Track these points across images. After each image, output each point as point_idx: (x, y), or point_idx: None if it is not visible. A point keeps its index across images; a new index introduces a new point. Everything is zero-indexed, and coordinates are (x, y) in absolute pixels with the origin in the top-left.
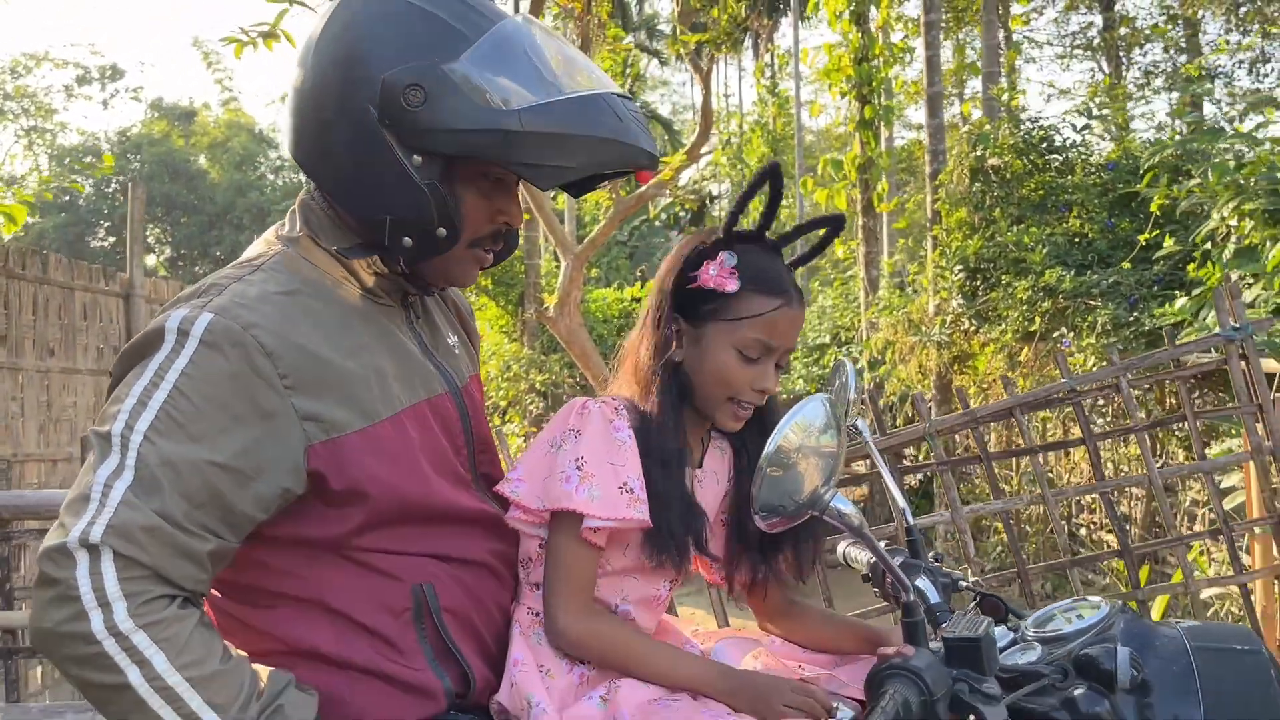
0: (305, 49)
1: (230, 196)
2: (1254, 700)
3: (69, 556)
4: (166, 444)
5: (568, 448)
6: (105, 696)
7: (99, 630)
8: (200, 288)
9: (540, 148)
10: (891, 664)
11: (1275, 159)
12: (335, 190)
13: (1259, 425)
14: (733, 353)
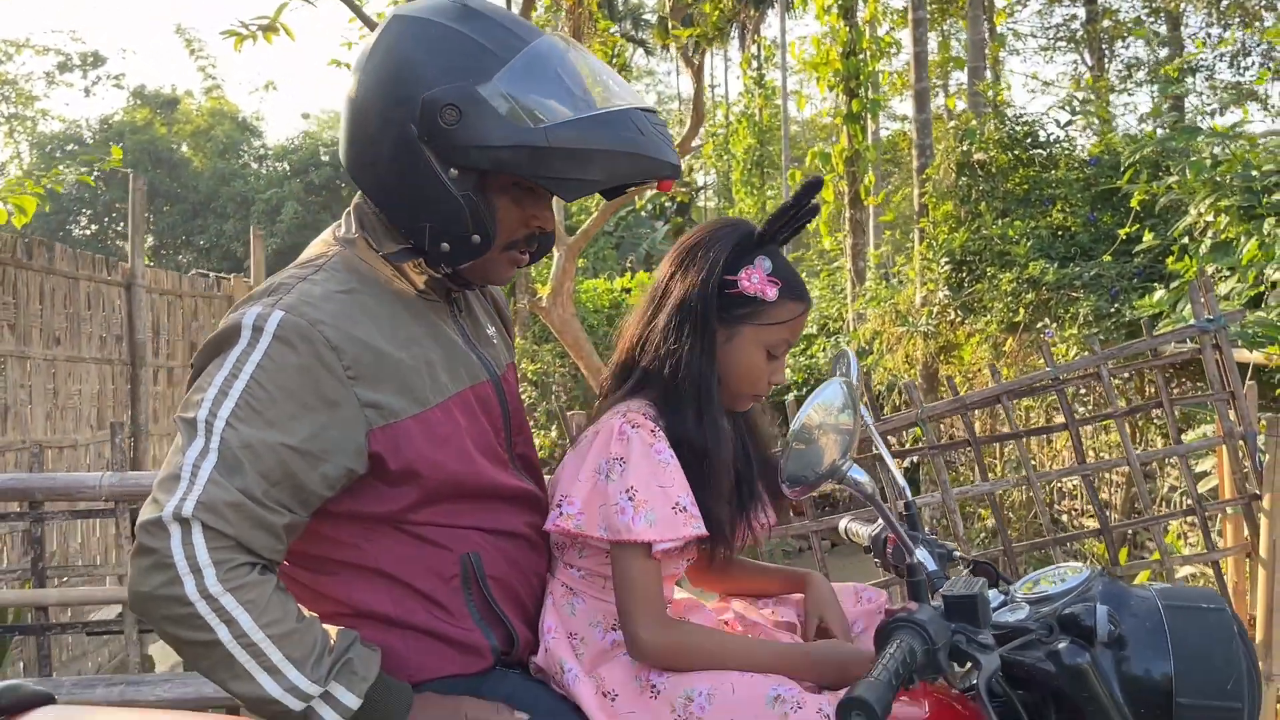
0: (357, 66)
1: (213, 185)
2: (1218, 653)
3: (164, 529)
4: (246, 429)
5: (615, 478)
6: (197, 652)
7: (192, 593)
8: (271, 286)
9: (566, 162)
10: (899, 618)
11: (1250, 157)
12: (379, 198)
13: (1231, 412)
14: (763, 353)
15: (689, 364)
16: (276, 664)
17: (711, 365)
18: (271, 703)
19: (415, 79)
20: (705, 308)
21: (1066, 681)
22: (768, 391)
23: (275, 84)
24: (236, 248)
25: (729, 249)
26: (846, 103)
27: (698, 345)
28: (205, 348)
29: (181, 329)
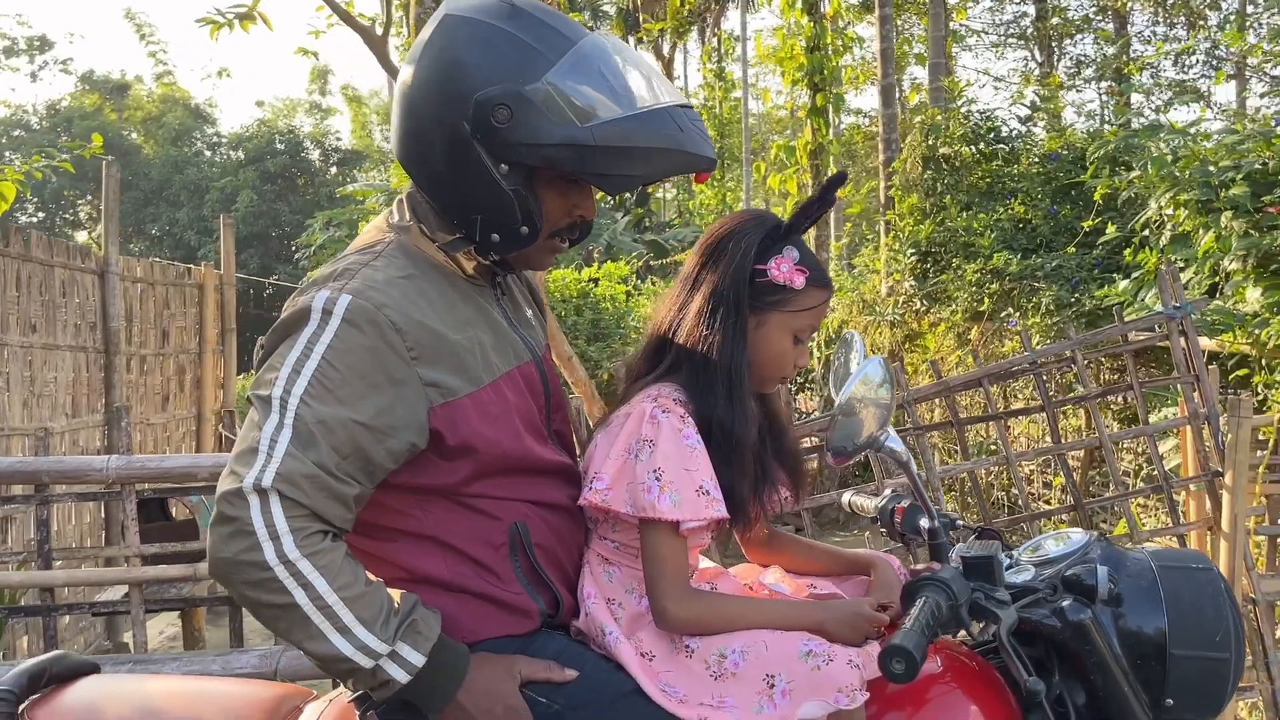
0: (411, 60)
1: (166, 173)
2: (1208, 608)
3: (243, 499)
4: (319, 406)
5: (644, 459)
6: (275, 614)
7: (271, 558)
8: (336, 271)
9: (611, 159)
10: (924, 577)
11: (1207, 154)
12: (432, 190)
13: (1195, 394)
14: (790, 338)
15: (722, 349)
16: (348, 624)
17: (743, 350)
18: (344, 661)
19: (467, 79)
20: (738, 295)
21: (1071, 636)
22: (793, 375)
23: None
24: (190, 236)
25: (759, 239)
26: (811, 96)
27: (730, 331)
28: (276, 329)
29: (154, 317)
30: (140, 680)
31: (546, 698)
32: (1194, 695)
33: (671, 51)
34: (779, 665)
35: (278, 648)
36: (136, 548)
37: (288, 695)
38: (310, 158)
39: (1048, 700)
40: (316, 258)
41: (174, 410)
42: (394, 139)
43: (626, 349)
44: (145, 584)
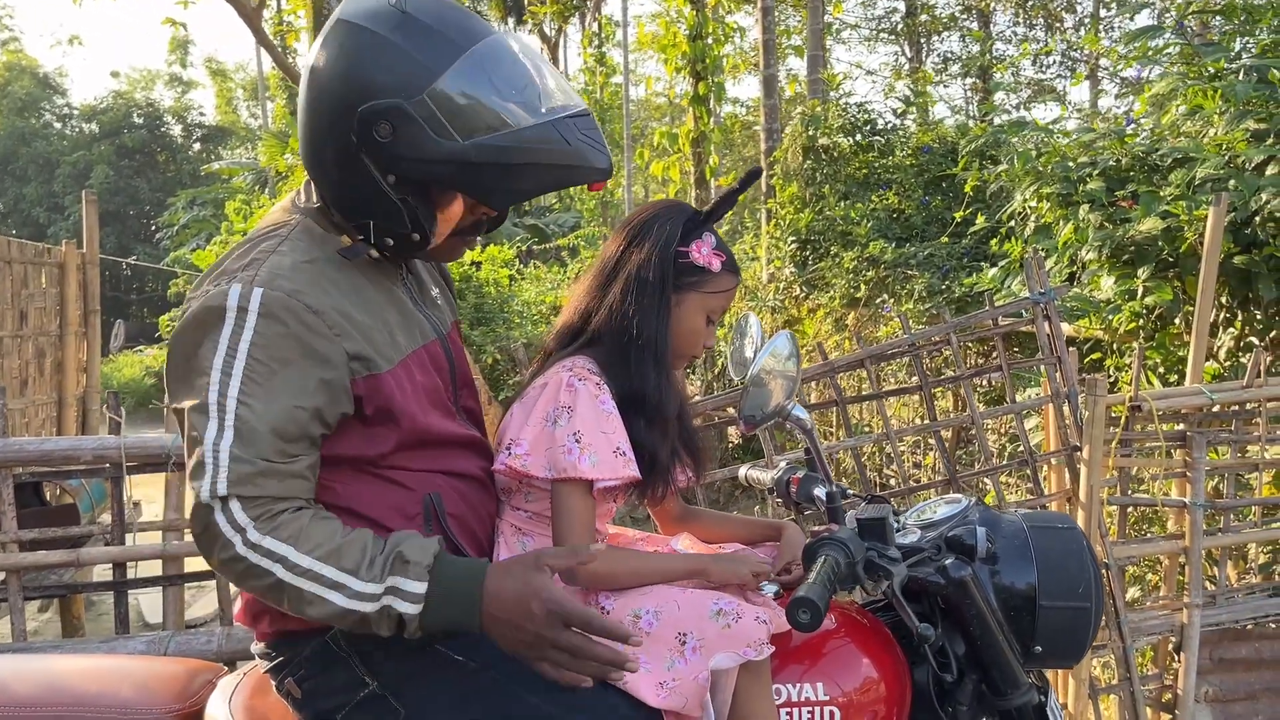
0: (307, 65)
1: (12, 145)
2: (1072, 563)
3: (207, 508)
4: (256, 403)
5: (563, 424)
6: (268, 593)
7: (241, 549)
8: (243, 262)
9: (493, 175)
10: (823, 537)
11: (1067, 150)
12: (328, 195)
13: (1058, 374)
14: (704, 318)
15: (645, 323)
16: (336, 580)
17: (665, 326)
18: (346, 615)
19: (353, 91)
20: (663, 273)
21: (952, 591)
22: (701, 355)
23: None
24: (39, 213)
25: (681, 223)
26: (693, 84)
27: (654, 307)
28: (188, 328)
29: (10, 296)
30: (49, 659)
31: (464, 655)
32: (1060, 642)
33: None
34: (691, 624)
35: (165, 633)
36: (14, 533)
37: (200, 670)
38: (171, 133)
39: (932, 649)
40: (179, 237)
41: (33, 395)
42: (299, 138)
43: (510, 333)
44: (24, 571)
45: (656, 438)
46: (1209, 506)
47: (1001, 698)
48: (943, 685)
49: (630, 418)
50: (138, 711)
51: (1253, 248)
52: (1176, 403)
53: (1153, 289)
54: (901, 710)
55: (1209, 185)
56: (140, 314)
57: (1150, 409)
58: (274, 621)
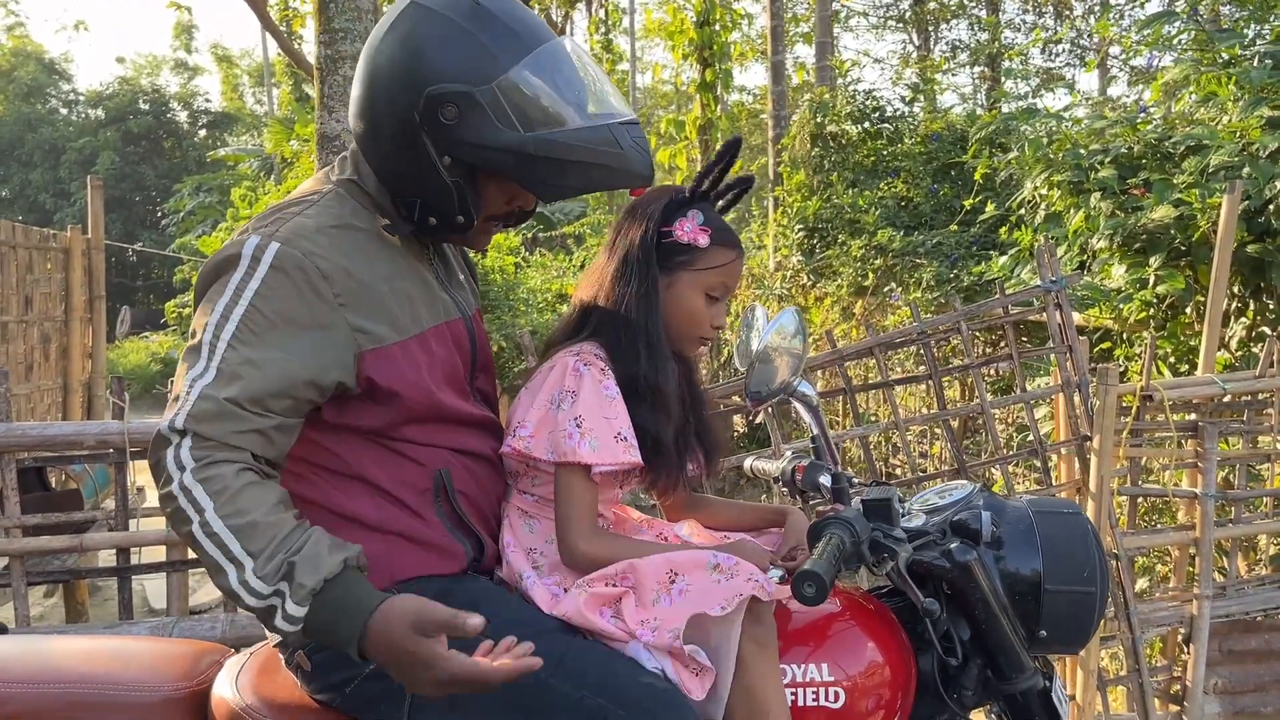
0: (372, 40)
1: (18, 131)
2: (1077, 549)
3: (164, 439)
4: (244, 348)
5: (566, 408)
6: (189, 544)
7: (175, 488)
8: (269, 217)
9: (548, 169)
10: (829, 517)
11: (1078, 137)
12: (379, 168)
13: (1068, 363)
14: (701, 296)
15: (636, 307)
16: (237, 556)
17: (655, 308)
18: (235, 596)
19: (422, 72)
20: (646, 256)
21: (958, 575)
22: (712, 334)
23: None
24: (45, 199)
25: (664, 205)
26: (700, 71)
27: (641, 289)
28: (208, 270)
29: (15, 282)
30: (48, 640)
31: None
32: (1065, 627)
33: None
34: (685, 568)
35: (169, 619)
36: (17, 518)
37: (207, 651)
38: (177, 119)
39: (936, 631)
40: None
41: (38, 380)
42: (351, 110)
43: (516, 321)
44: (27, 556)
45: (659, 422)
46: (1220, 497)
47: (1006, 682)
48: (947, 670)
49: (634, 403)
50: (144, 690)
51: (1266, 236)
52: (1188, 393)
53: (1164, 278)
54: (906, 694)
55: (1222, 173)
56: (146, 300)
57: (1162, 399)
58: None
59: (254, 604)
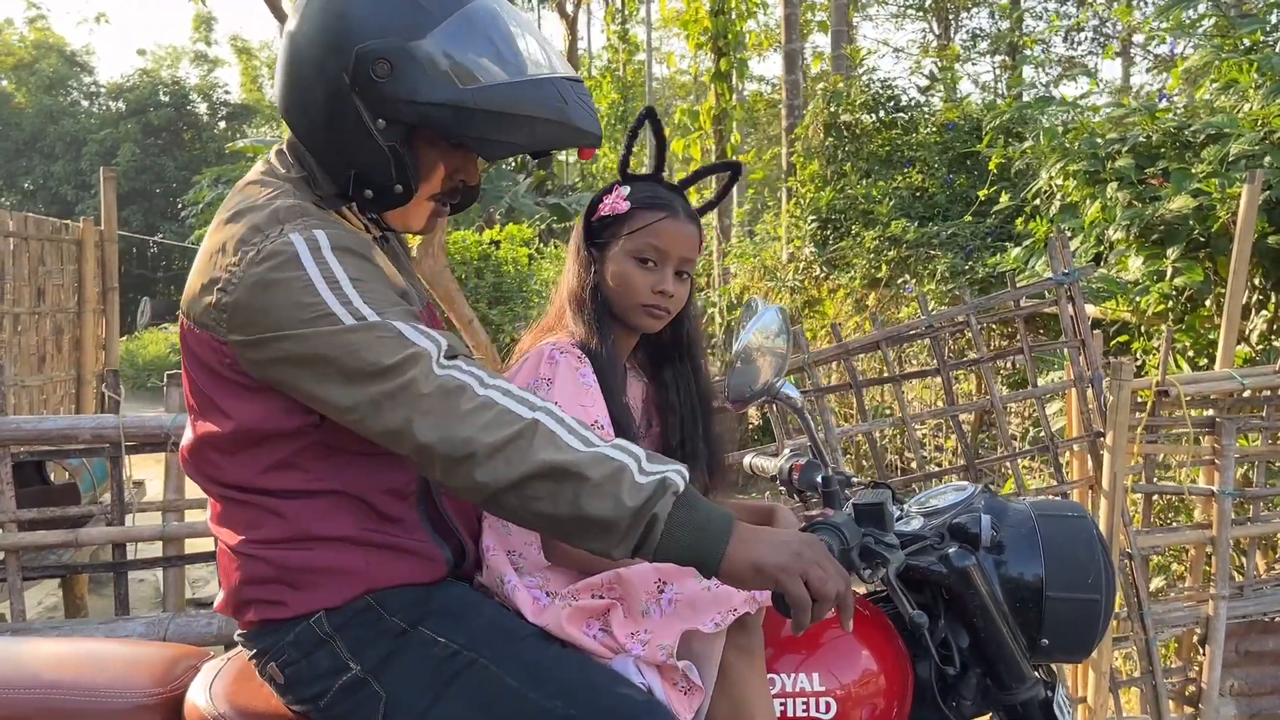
0: (298, 7)
1: (40, 123)
2: (1081, 554)
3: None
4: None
5: (542, 394)
6: (518, 443)
7: (482, 391)
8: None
9: (490, 124)
10: (818, 521)
11: (1095, 126)
12: (308, 142)
13: (1081, 358)
14: (632, 261)
15: (580, 287)
16: (588, 435)
17: (594, 283)
18: (619, 476)
19: (351, 30)
20: (581, 238)
21: (955, 581)
22: (657, 300)
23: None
24: (66, 191)
25: (600, 191)
26: (715, 61)
27: (584, 268)
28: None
29: (28, 274)
30: (23, 643)
31: (446, 637)
32: (1068, 635)
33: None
34: (673, 575)
35: (165, 614)
36: (13, 512)
37: (182, 656)
38: (197, 111)
39: (933, 640)
40: (204, 216)
41: (51, 371)
42: (276, 88)
43: (529, 312)
44: (22, 551)
45: (614, 400)
46: (1238, 495)
47: (1006, 692)
48: (946, 679)
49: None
50: (116, 696)
51: None
52: (1206, 388)
53: (1182, 270)
54: (903, 704)
55: (1243, 162)
56: (166, 291)
57: (1178, 394)
58: (259, 610)
59: (643, 481)
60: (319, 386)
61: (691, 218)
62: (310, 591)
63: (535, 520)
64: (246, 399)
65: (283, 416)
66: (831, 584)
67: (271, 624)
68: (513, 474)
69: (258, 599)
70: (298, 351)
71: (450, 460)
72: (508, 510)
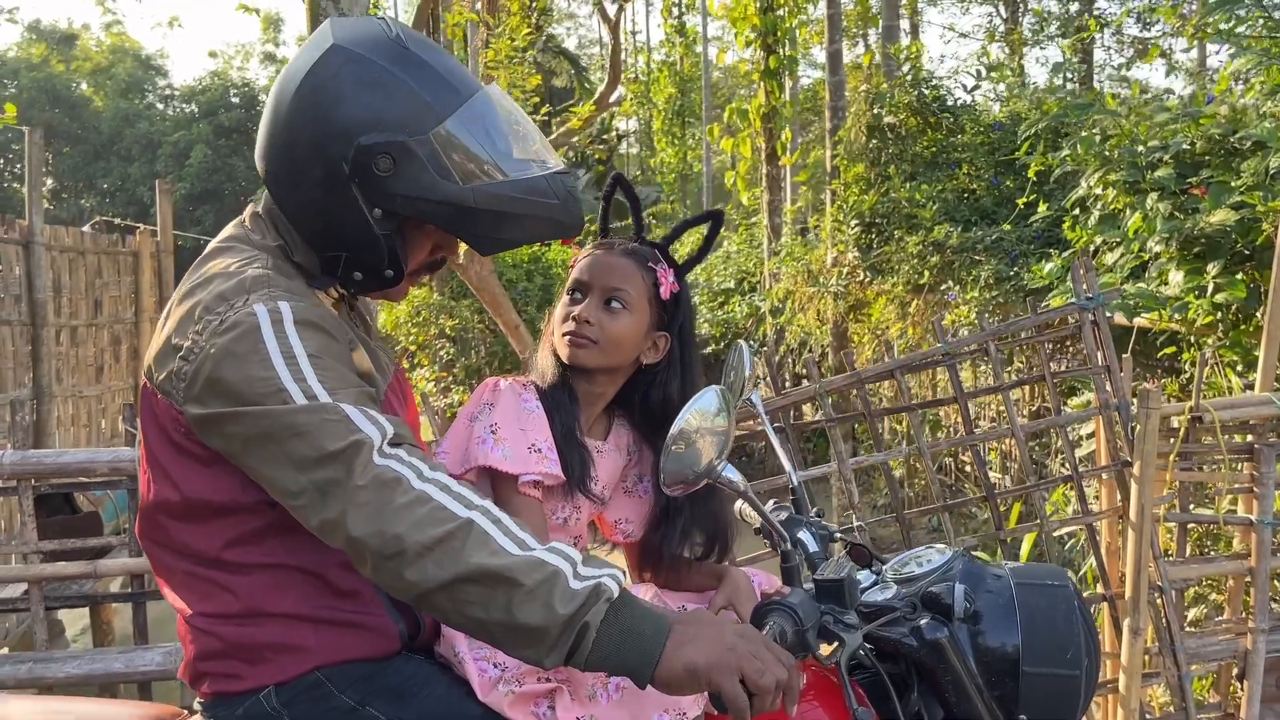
0: (287, 81)
1: (116, 126)
2: (1060, 626)
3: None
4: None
5: (483, 418)
6: (449, 544)
7: (418, 484)
8: (244, 284)
9: (488, 223)
10: (772, 601)
11: (1138, 131)
12: (298, 220)
13: (1107, 384)
14: (565, 298)
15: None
16: (523, 537)
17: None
18: (551, 581)
19: (353, 121)
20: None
21: (927, 654)
22: (569, 327)
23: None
24: (143, 192)
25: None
26: (764, 58)
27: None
28: (222, 357)
29: (84, 287)
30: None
31: (393, 716)
32: (1046, 712)
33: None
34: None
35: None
36: (35, 544)
37: (158, 717)
38: None
39: (905, 713)
40: None
41: (109, 381)
42: (261, 155)
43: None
44: (45, 581)
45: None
46: (1278, 525)
47: None
48: None
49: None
50: None
51: None
52: (1243, 413)
53: (1224, 285)
54: None
55: None
56: None
57: (1213, 420)
58: (213, 683)
59: (576, 586)
60: (266, 467)
61: (629, 254)
62: (261, 666)
63: (465, 623)
64: (201, 471)
65: (239, 491)
66: (769, 675)
67: (225, 696)
68: (443, 575)
69: (212, 672)
70: (246, 430)
71: (380, 556)
72: (439, 611)
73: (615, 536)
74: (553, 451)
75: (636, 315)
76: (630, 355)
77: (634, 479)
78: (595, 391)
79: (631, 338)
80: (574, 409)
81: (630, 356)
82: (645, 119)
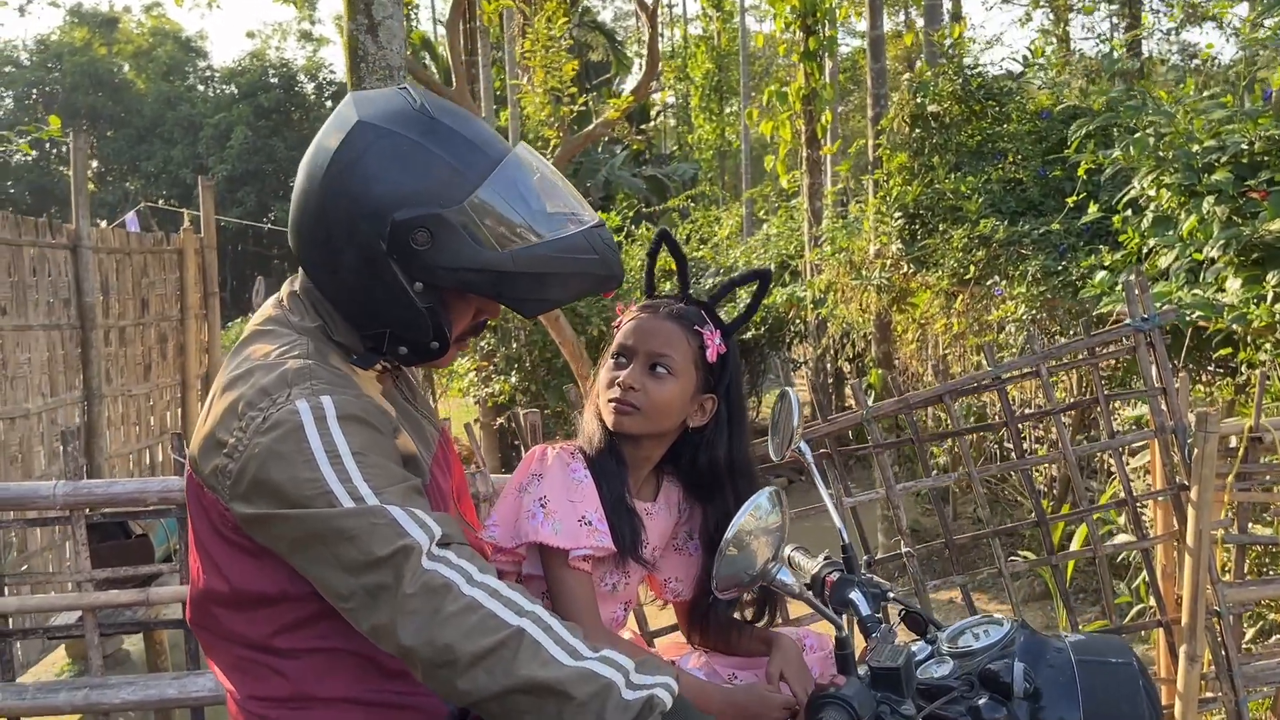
0: (315, 163)
1: (159, 109)
2: (1123, 703)
3: (417, 558)
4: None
5: (532, 490)
6: (500, 654)
7: (467, 590)
8: (286, 378)
9: (529, 286)
10: (827, 694)
11: (1192, 129)
12: (338, 301)
13: (1163, 404)
14: (610, 361)
15: (592, 397)
16: (574, 645)
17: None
18: (605, 692)
19: (385, 197)
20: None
21: None
22: (613, 394)
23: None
24: (185, 174)
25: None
26: (804, 40)
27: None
28: (265, 456)
29: (131, 287)
30: None
31: None
32: None
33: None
34: None
35: None
36: (88, 572)
37: None
38: (304, 91)
39: None
40: None
41: (157, 379)
42: (295, 237)
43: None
44: (99, 609)
45: (610, 507)
46: None
47: None
48: None
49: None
50: None
51: None
52: None
53: None
54: None
55: None
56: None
57: (1273, 440)
58: None
59: (631, 697)
60: (315, 568)
61: (674, 317)
62: None
63: None
64: (250, 563)
65: (288, 582)
66: None
67: None
68: (494, 686)
69: None
70: (293, 531)
71: (431, 665)
72: (491, 716)
73: (665, 595)
74: (603, 523)
75: (682, 380)
76: (676, 420)
77: (684, 537)
78: (642, 455)
79: (677, 403)
80: (622, 473)
81: (676, 421)
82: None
